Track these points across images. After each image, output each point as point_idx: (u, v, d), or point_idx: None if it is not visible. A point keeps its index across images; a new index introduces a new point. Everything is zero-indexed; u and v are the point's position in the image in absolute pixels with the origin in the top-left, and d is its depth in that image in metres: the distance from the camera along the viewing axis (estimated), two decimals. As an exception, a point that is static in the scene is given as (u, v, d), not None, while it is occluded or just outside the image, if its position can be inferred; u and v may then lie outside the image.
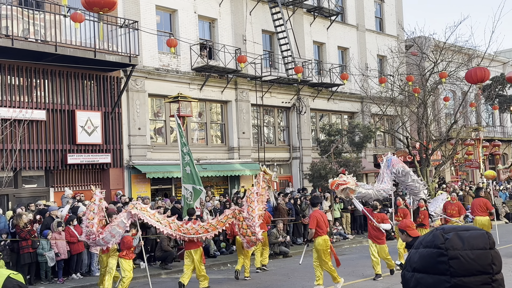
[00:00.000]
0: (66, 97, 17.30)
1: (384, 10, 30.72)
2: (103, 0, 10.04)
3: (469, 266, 1.44)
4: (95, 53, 16.61)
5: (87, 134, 17.43)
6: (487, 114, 37.25)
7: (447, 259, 1.45)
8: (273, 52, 24.70)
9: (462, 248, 1.45)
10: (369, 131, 23.59)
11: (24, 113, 15.50)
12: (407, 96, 26.02)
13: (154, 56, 19.86)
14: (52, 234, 13.08)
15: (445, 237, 1.48)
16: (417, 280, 1.50)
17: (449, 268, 1.44)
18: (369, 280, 12.06)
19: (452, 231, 1.50)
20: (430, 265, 1.47)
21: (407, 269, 1.55)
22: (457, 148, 26.32)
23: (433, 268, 1.47)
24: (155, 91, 19.79)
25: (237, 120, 22.43)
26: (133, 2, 19.28)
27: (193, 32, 21.21)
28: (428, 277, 1.47)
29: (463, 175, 34.63)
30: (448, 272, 1.44)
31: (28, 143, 16.21)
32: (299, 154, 24.75)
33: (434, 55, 25.24)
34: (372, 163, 27.72)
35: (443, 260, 1.45)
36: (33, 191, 16.94)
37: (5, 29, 15.15)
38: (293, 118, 25.01)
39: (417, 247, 1.55)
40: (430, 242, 1.50)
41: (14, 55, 15.30)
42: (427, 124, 24.75)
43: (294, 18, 24.89)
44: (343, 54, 28.20)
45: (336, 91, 26.35)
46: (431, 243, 1.50)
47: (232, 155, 22.18)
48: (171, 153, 19.60)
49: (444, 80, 23.79)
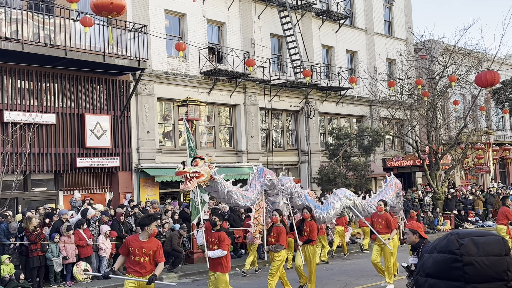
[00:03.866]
0: (76, 101, 17.38)
1: (393, 14, 30.63)
2: (112, 4, 10.09)
3: (483, 272, 1.41)
4: (105, 57, 16.68)
5: (96, 137, 17.50)
6: (497, 118, 37.01)
7: (461, 265, 1.42)
8: (281, 56, 24.70)
9: (477, 254, 1.43)
10: (378, 134, 23.52)
11: (34, 117, 15.59)
12: (417, 99, 25.90)
13: (163, 60, 19.92)
14: (61, 237, 13.12)
15: (460, 243, 1.45)
16: (430, 285, 1.47)
17: (463, 274, 1.42)
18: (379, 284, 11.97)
19: (467, 236, 1.47)
20: (444, 270, 1.44)
21: (420, 274, 1.52)
22: (467, 152, 26.14)
23: (447, 274, 1.44)
24: (163, 95, 19.84)
25: (246, 124, 22.43)
26: (142, 6, 19.36)
27: (202, 36, 21.26)
28: (441, 283, 1.44)
29: (473, 179, 34.38)
30: (463, 278, 1.42)
31: (37, 146, 16.30)
32: (308, 158, 24.69)
33: (443, 58, 25.12)
34: (381, 167, 27.60)
35: (457, 266, 1.43)
36: (42, 195, 17.02)
37: (15, 33, 15.26)
38: (301, 122, 24.97)
39: (431, 252, 1.52)
40: (445, 248, 1.47)
41: (24, 59, 15.40)
42: (437, 128, 24.61)
43: (302, 22, 24.88)
44: (352, 58, 28.14)
45: (345, 94, 26.29)
46: (446, 249, 1.47)
47: (240, 159, 22.17)
48: (180, 156, 19.57)
49: (454, 84, 23.65)
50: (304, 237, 11.17)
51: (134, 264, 7.48)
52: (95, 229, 14.17)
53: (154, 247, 7.51)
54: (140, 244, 7.48)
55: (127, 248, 7.56)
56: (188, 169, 9.09)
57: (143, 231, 7.54)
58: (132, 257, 7.52)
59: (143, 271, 7.44)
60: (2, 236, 12.76)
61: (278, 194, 11.30)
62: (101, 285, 12.92)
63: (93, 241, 13.80)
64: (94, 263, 13.84)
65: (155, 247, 7.52)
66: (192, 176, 9.10)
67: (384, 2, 30.10)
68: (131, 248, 7.49)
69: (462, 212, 23.99)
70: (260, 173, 11.20)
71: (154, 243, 7.59)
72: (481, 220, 24.65)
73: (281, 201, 11.38)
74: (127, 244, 7.60)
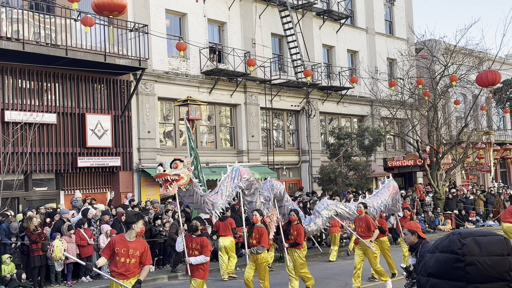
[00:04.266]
0: (77, 101, 17.39)
1: (394, 13, 30.62)
2: (113, 4, 10.09)
3: (486, 272, 1.41)
4: (105, 57, 16.69)
5: (97, 137, 17.50)
6: (498, 118, 36.97)
7: (463, 265, 1.42)
8: (282, 56, 24.69)
9: (479, 254, 1.42)
10: (378, 134, 23.52)
11: (35, 117, 15.60)
12: (417, 99, 25.89)
13: (164, 59, 19.93)
14: (62, 237, 13.12)
15: (462, 243, 1.45)
16: (432, 285, 1.47)
17: (465, 274, 1.41)
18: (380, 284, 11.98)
19: (469, 236, 1.47)
20: (446, 270, 1.44)
21: (422, 273, 1.52)
22: (467, 151, 26.13)
23: (449, 274, 1.44)
24: (164, 95, 19.85)
25: (246, 124, 22.43)
26: (143, 6, 19.36)
27: (203, 36, 21.26)
28: (443, 283, 1.44)
29: (474, 179, 34.36)
30: (465, 279, 1.41)
31: (38, 146, 16.31)
32: (309, 158, 24.69)
33: (444, 58, 25.11)
34: (381, 166, 27.60)
35: (459, 266, 1.42)
36: (43, 194, 17.03)
37: (16, 33, 15.27)
38: (302, 122, 24.96)
39: (432, 252, 1.52)
40: (447, 247, 1.47)
41: (25, 59, 15.41)
42: (438, 128, 24.60)
43: (303, 22, 24.88)
44: (353, 57, 28.13)
45: (346, 94, 26.28)
46: (448, 248, 1.47)
47: (241, 159, 22.17)
48: (181, 156, 19.59)
49: (455, 83, 23.64)
50: (290, 241, 10.88)
51: (118, 266, 7.05)
52: (96, 228, 14.19)
53: (142, 248, 7.13)
54: (126, 244, 7.08)
55: (112, 249, 7.10)
56: (169, 172, 8.54)
57: (130, 230, 7.18)
58: (117, 258, 7.06)
59: (127, 274, 7.01)
60: (3, 236, 12.78)
61: (254, 193, 10.91)
62: (102, 284, 12.93)
63: (94, 241, 13.82)
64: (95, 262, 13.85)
65: (143, 248, 7.14)
66: (173, 179, 8.55)
67: (385, 1, 30.09)
68: (117, 248, 7.05)
69: (463, 212, 23.99)
70: (235, 174, 10.57)
71: (142, 244, 7.24)
72: (482, 220, 24.63)
73: (258, 201, 11.00)
74: (112, 244, 7.15)
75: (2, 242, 12.65)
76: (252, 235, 10.33)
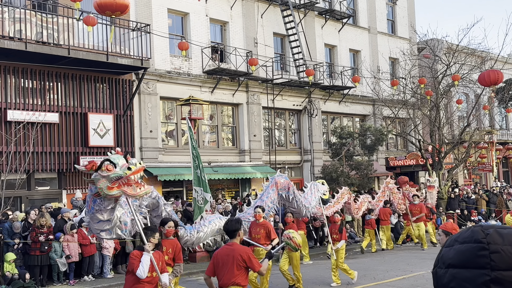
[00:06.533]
0: (79, 100, 17.42)
1: (396, 13, 30.59)
2: (116, 4, 10.11)
3: (509, 260, 1.48)
4: (108, 56, 16.72)
5: (99, 136, 17.54)
6: (500, 117, 36.94)
7: (488, 253, 1.49)
8: (284, 55, 24.70)
9: (502, 243, 1.50)
10: (381, 134, 23.52)
11: (37, 116, 15.64)
12: (420, 98, 25.88)
13: (166, 59, 19.95)
14: (65, 236, 13.16)
15: (486, 233, 1.53)
16: (452, 275, 1.52)
17: (490, 261, 1.48)
18: (382, 284, 11.98)
19: (491, 228, 1.56)
20: (469, 259, 1.51)
21: (440, 266, 1.58)
22: (470, 151, 26.11)
23: (472, 262, 1.50)
24: (166, 94, 19.87)
25: (248, 123, 22.45)
26: (145, 6, 19.39)
27: (205, 35, 21.28)
28: (465, 271, 1.50)
29: (476, 179, 34.34)
30: (489, 266, 1.48)
31: (41, 145, 16.34)
32: (310, 157, 24.70)
33: (446, 57, 25.10)
34: (384, 166, 27.59)
35: (484, 254, 1.49)
36: (45, 193, 17.07)
37: (18, 32, 15.31)
38: (304, 121, 24.97)
39: (450, 245, 1.58)
40: (469, 238, 1.54)
41: (28, 58, 15.44)
42: (440, 127, 24.58)
43: (305, 21, 24.88)
44: (355, 57, 28.12)
45: (348, 93, 26.28)
46: (471, 238, 1.54)
47: (243, 158, 22.19)
48: (183, 155, 19.65)
49: (457, 83, 23.63)
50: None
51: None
52: (98, 228, 14.20)
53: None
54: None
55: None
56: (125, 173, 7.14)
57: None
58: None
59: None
60: (5, 236, 12.81)
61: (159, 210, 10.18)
62: (104, 283, 12.96)
63: (96, 240, 13.84)
64: (97, 261, 13.88)
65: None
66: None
67: (387, 1, 30.06)
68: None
69: (465, 211, 23.97)
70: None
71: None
72: (484, 220, 24.60)
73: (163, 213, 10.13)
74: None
75: (4, 242, 12.68)
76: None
